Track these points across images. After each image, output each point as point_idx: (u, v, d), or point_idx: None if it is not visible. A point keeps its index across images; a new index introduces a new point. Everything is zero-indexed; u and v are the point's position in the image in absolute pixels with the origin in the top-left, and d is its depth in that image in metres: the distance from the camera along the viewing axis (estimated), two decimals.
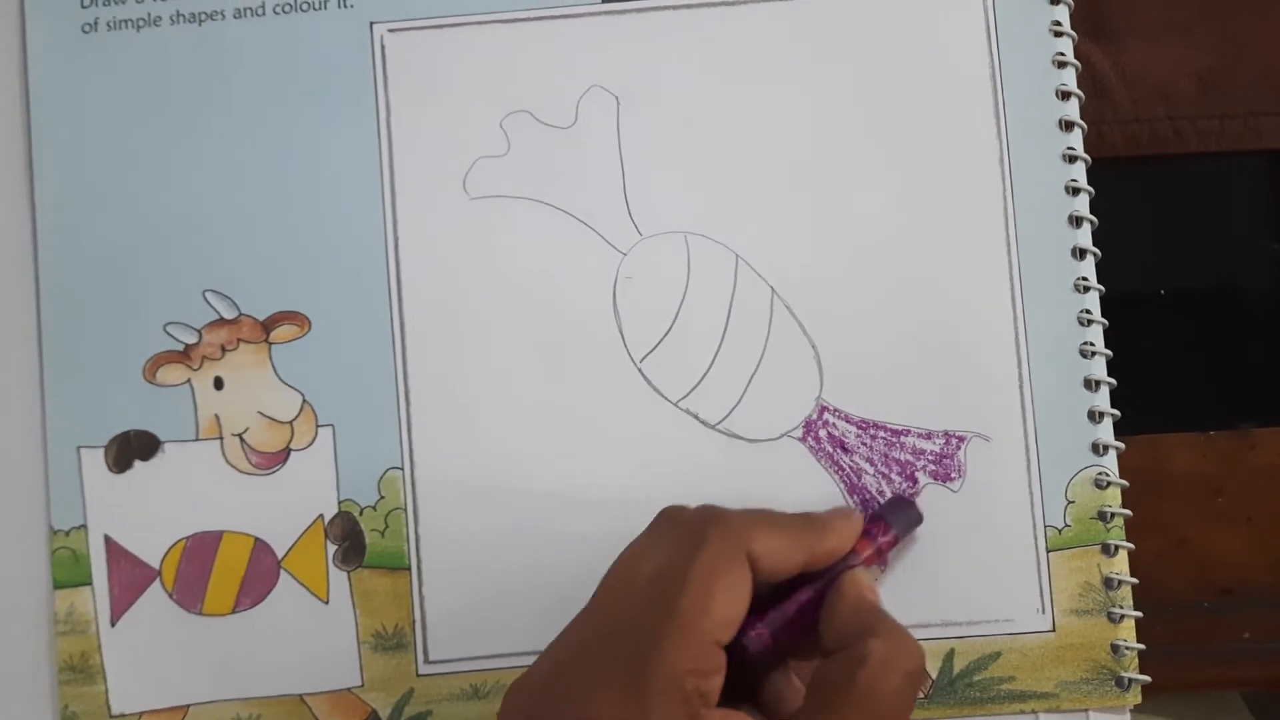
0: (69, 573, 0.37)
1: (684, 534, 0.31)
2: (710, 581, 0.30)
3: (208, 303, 0.37)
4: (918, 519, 0.36)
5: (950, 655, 0.37)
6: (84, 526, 0.37)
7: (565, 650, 0.31)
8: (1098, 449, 0.37)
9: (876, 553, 0.34)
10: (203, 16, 0.38)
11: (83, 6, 0.38)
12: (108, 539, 0.37)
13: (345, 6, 0.38)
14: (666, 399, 0.37)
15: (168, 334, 0.37)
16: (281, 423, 0.37)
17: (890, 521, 0.35)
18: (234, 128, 0.38)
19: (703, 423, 0.37)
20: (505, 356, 0.37)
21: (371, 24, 0.38)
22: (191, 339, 0.37)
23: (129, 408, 0.37)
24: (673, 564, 0.30)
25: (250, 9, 0.38)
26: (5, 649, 0.37)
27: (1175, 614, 0.39)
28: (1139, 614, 0.37)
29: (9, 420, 0.38)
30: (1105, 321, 0.38)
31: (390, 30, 0.38)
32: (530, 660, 0.36)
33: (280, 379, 0.38)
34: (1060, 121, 0.38)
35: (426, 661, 0.37)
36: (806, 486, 0.37)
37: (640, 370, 0.37)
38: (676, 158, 0.38)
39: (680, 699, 0.28)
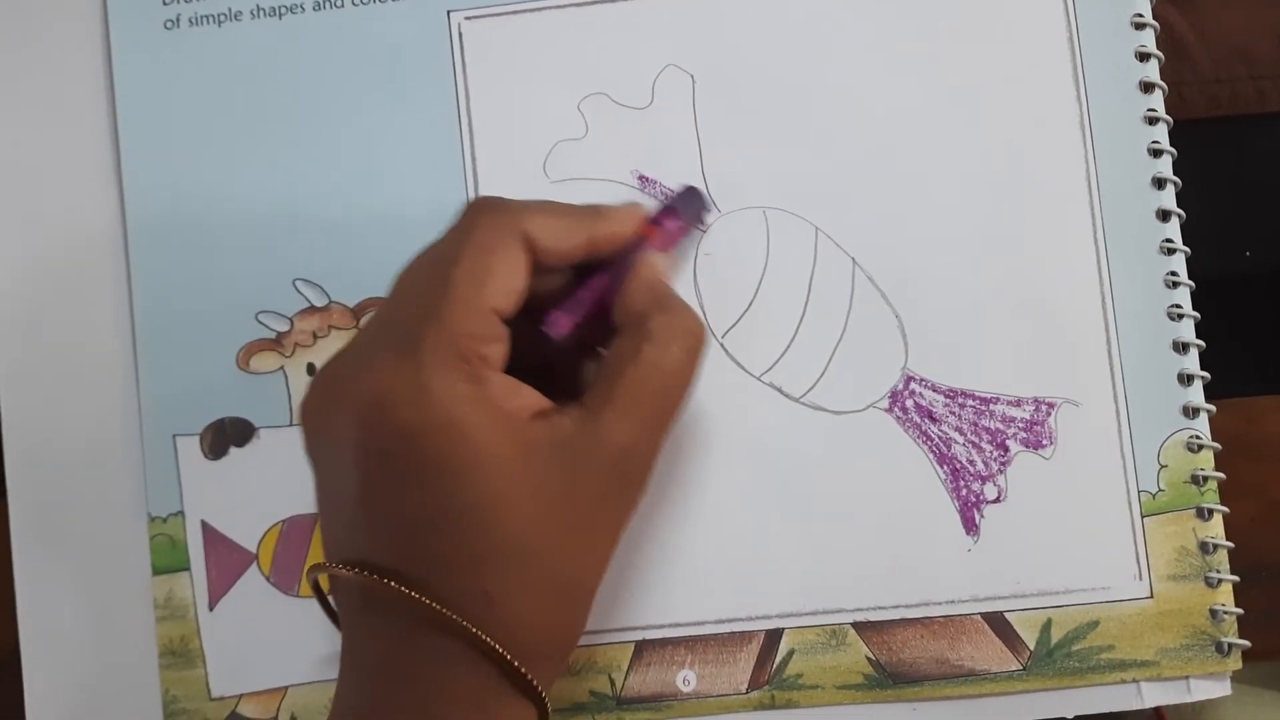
0: (167, 559, 0.38)
1: (460, 220, 0.32)
2: (484, 253, 0.31)
3: (298, 291, 0.38)
4: (704, 208, 0.37)
5: (1048, 625, 0.36)
6: (181, 513, 0.38)
7: (355, 340, 0.32)
8: (1188, 412, 0.37)
9: (666, 239, 0.35)
10: (283, 10, 0.39)
11: (164, 3, 0.39)
12: (205, 525, 0.38)
13: None
14: (750, 373, 0.38)
15: (260, 323, 0.38)
16: None
17: (679, 210, 0.36)
18: (317, 118, 0.39)
19: (787, 396, 0.37)
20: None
21: (449, 12, 0.39)
22: (283, 327, 0.38)
23: (223, 395, 0.38)
24: (448, 244, 0.31)
25: (329, 1, 0.39)
26: (109, 636, 0.38)
27: (1272, 579, 0.38)
28: (1236, 578, 0.36)
29: (106, 411, 0.38)
30: (1192, 284, 0.37)
31: (467, 18, 0.39)
32: (623, 637, 0.37)
33: None
34: (1140, 83, 0.37)
35: None
36: (894, 457, 0.37)
37: (723, 346, 0.37)
38: (753, 133, 0.38)
39: (457, 359, 0.30)
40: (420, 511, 0.30)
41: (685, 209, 0.36)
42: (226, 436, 0.38)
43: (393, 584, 0.29)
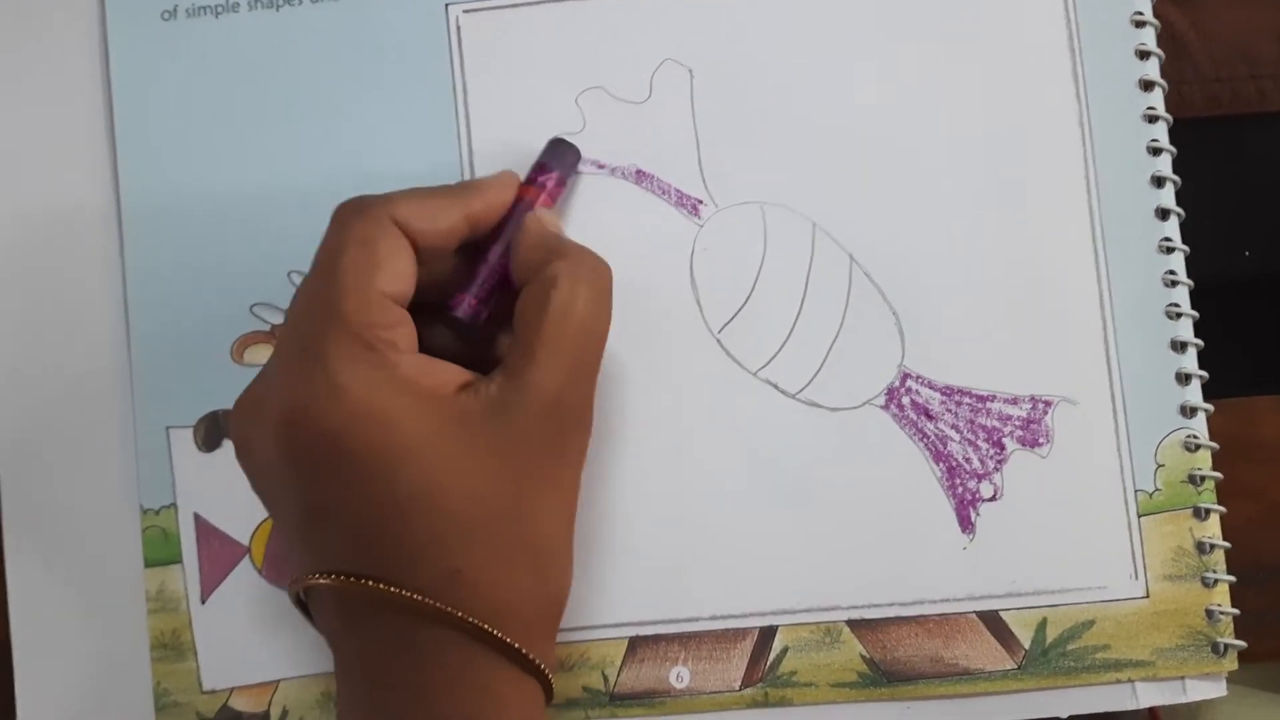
0: (159, 551, 0.38)
1: (331, 226, 0.32)
2: (363, 245, 0.31)
3: (293, 283, 0.38)
4: (577, 156, 0.37)
5: (1043, 624, 0.36)
6: (174, 505, 0.38)
7: (266, 366, 0.32)
8: (1186, 411, 0.37)
9: (548, 196, 0.35)
10: (280, 2, 0.39)
11: None
12: (197, 517, 0.38)
13: None
14: (745, 369, 0.37)
15: (254, 315, 0.38)
16: None
17: (549, 164, 0.36)
18: (313, 111, 0.38)
19: (782, 392, 0.37)
20: None
21: (446, 5, 0.38)
22: (278, 319, 0.38)
23: (217, 388, 0.38)
24: (327, 250, 0.32)
25: None
26: (100, 628, 0.38)
27: (1269, 580, 0.38)
28: (1233, 579, 0.36)
29: (99, 402, 0.38)
30: (1190, 283, 0.37)
31: (465, 11, 0.38)
32: (617, 634, 0.37)
33: None
34: (1140, 81, 0.37)
35: None
36: (890, 454, 0.37)
37: (719, 341, 0.37)
38: (751, 129, 0.38)
39: (363, 349, 0.30)
40: (367, 508, 0.30)
41: (556, 162, 0.36)
42: (220, 429, 0.38)
43: (364, 581, 0.29)
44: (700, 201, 0.38)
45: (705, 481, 0.37)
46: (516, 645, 0.30)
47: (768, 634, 0.37)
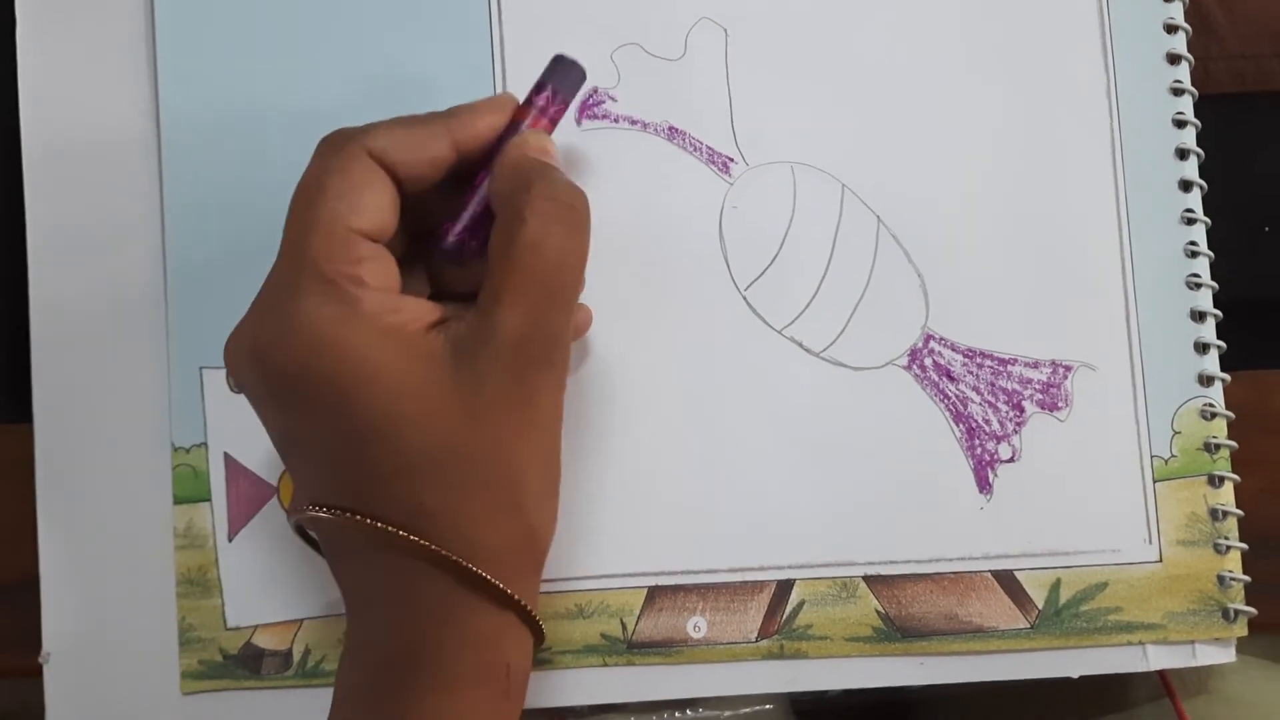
0: (188, 489, 0.38)
1: (310, 163, 0.32)
2: (333, 178, 0.31)
3: None
4: (580, 75, 0.34)
5: (1057, 585, 0.37)
6: (204, 444, 0.38)
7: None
8: (1204, 380, 0.37)
9: (547, 119, 0.33)
10: None
11: None
12: (227, 456, 0.38)
13: None
14: (771, 326, 0.38)
15: None
16: None
17: (550, 83, 0.34)
18: (353, 55, 0.39)
19: (807, 350, 0.38)
20: (611, 284, 0.38)
21: None
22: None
23: None
24: (302, 185, 0.31)
25: None
26: (127, 563, 0.38)
27: (1278, 551, 0.39)
28: (1245, 546, 0.37)
29: (134, 341, 0.39)
30: (1211, 254, 0.38)
31: None
32: (636, 583, 0.37)
33: None
34: (1167, 55, 0.38)
35: None
36: (912, 414, 0.37)
37: (745, 298, 0.38)
38: (784, 89, 0.38)
39: (322, 285, 0.30)
40: (330, 439, 0.30)
41: (557, 80, 0.34)
42: None
43: (335, 513, 0.30)
44: (731, 160, 0.38)
45: (728, 436, 0.38)
46: (486, 577, 0.30)
47: (785, 587, 0.37)
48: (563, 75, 0.34)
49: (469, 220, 0.32)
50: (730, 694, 0.39)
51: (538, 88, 0.34)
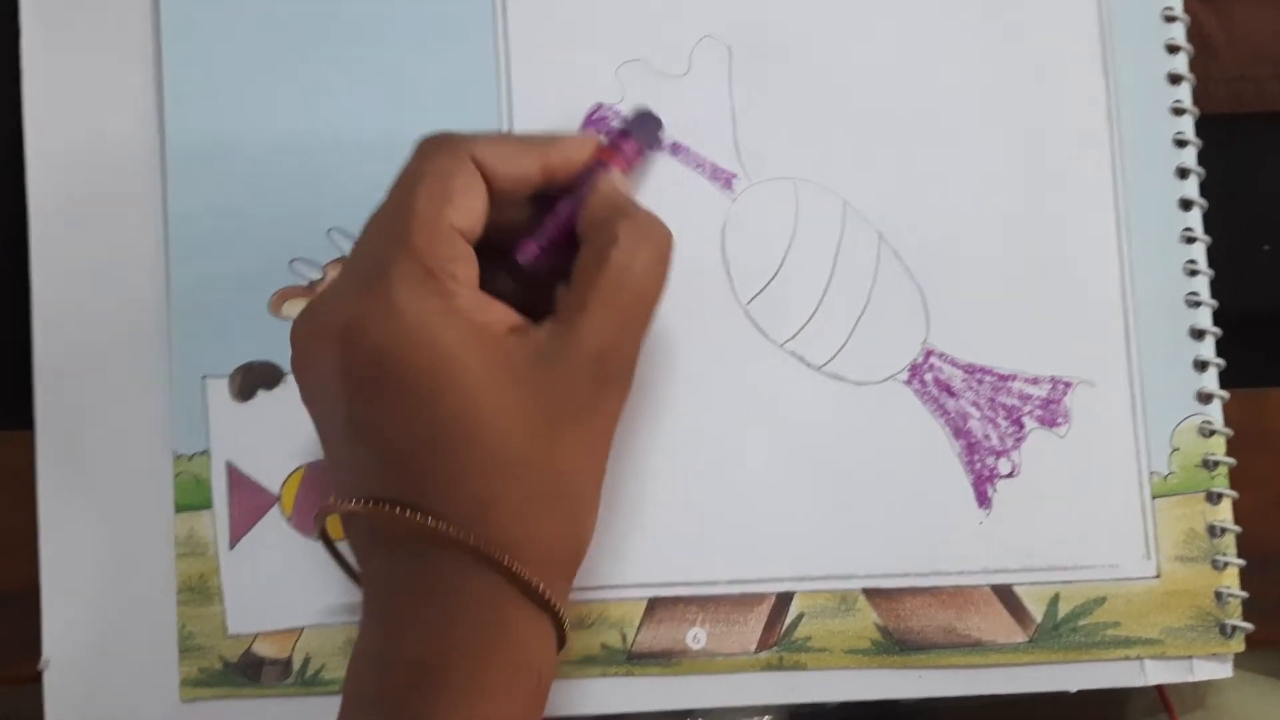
0: (190, 497, 0.38)
1: (412, 156, 0.33)
2: (440, 178, 0.32)
3: (332, 241, 0.39)
4: (659, 130, 0.38)
5: (1055, 600, 0.37)
6: (206, 452, 0.38)
7: (331, 282, 0.33)
8: (1202, 398, 0.37)
9: (625, 162, 0.36)
10: None
11: None
12: (229, 465, 0.38)
13: None
14: (772, 341, 0.38)
15: (293, 270, 0.39)
16: None
17: (633, 133, 0.37)
18: (357, 69, 0.39)
19: (808, 365, 0.38)
20: None
21: None
22: (316, 275, 0.39)
23: (254, 339, 0.38)
24: (405, 179, 0.32)
25: None
26: (128, 571, 0.38)
27: (1275, 568, 0.39)
28: (1243, 562, 0.37)
29: (137, 350, 0.39)
30: (1211, 272, 0.38)
31: None
32: (636, 594, 0.38)
33: None
34: (1168, 75, 0.38)
35: None
36: (911, 429, 0.38)
37: (747, 312, 0.38)
38: (786, 106, 0.39)
39: (424, 276, 0.31)
40: (407, 429, 0.30)
41: (640, 131, 0.37)
42: (255, 379, 0.39)
43: (386, 507, 0.30)
44: (734, 175, 0.38)
45: (728, 448, 0.38)
46: (533, 581, 0.31)
47: (784, 599, 0.37)
48: (643, 126, 0.37)
49: (546, 241, 0.34)
50: (729, 705, 0.39)
51: (622, 134, 0.37)
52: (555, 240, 0.34)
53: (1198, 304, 0.38)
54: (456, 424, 0.30)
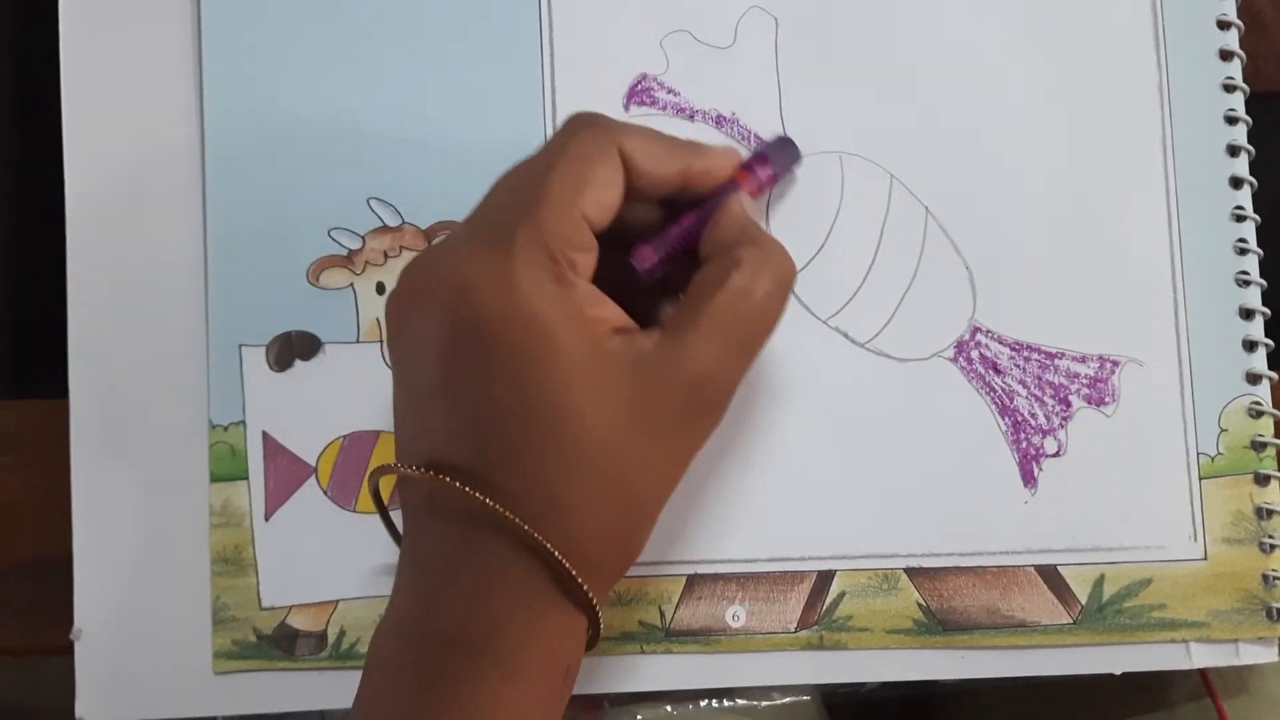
0: (226, 467, 0.38)
1: (560, 131, 0.32)
2: (582, 162, 0.31)
3: (372, 210, 0.38)
4: (796, 156, 0.37)
5: (1100, 581, 0.37)
6: (243, 423, 0.38)
7: (449, 236, 0.32)
8: (1251, 378, 0.37)
9: (757, 186, 0.35)
10: None
11: None
12: (265, 435, 0.38)
13: None
14: (816, 316, 0.38)
15: (332, 239, 0.38)
16: None
17: (771, 158, 0.36)
18: (399, 38, 0.39)
19: (852, 341, 0.38)
20: None
21: None
22: (355, 244, 0.38)
23: (291, 309, 0.38)
24: (548, 152, 0.32)
25: None
26: (162, 540, 0.38)
27: None
28: None
29: (173, 318, 0.38)
30: (1260, 251, 0.37)
31: None
32: (676, 570, 0.37)
33: None
34: (1219, 51, 0.38)
35: None
36: (957, 407, 0.37)
37: None
38: (833, 79, 0.38)
39: (546, 257, 0.30)
40: (496, 401, 0.30)
41: (778, 158, 0.36)
42: (293, 349, 0.38)
43: (456, 483, 0.30)
44: None
45: (770, 424, 0.37)
46: (581, 582, 0.30)
47: (825, 578, 0.37)
48: (781, 153, 0.36)
49: (665, 251, 0.33)
50: (768, 684, 0.38)
51: (760, 158, 0.35)
52: (673, 252, 0.33)
53: (1247, 283, 0.37)
54: (547, 408, 0.30)
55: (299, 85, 0.39)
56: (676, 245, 0.33)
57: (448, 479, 0.30)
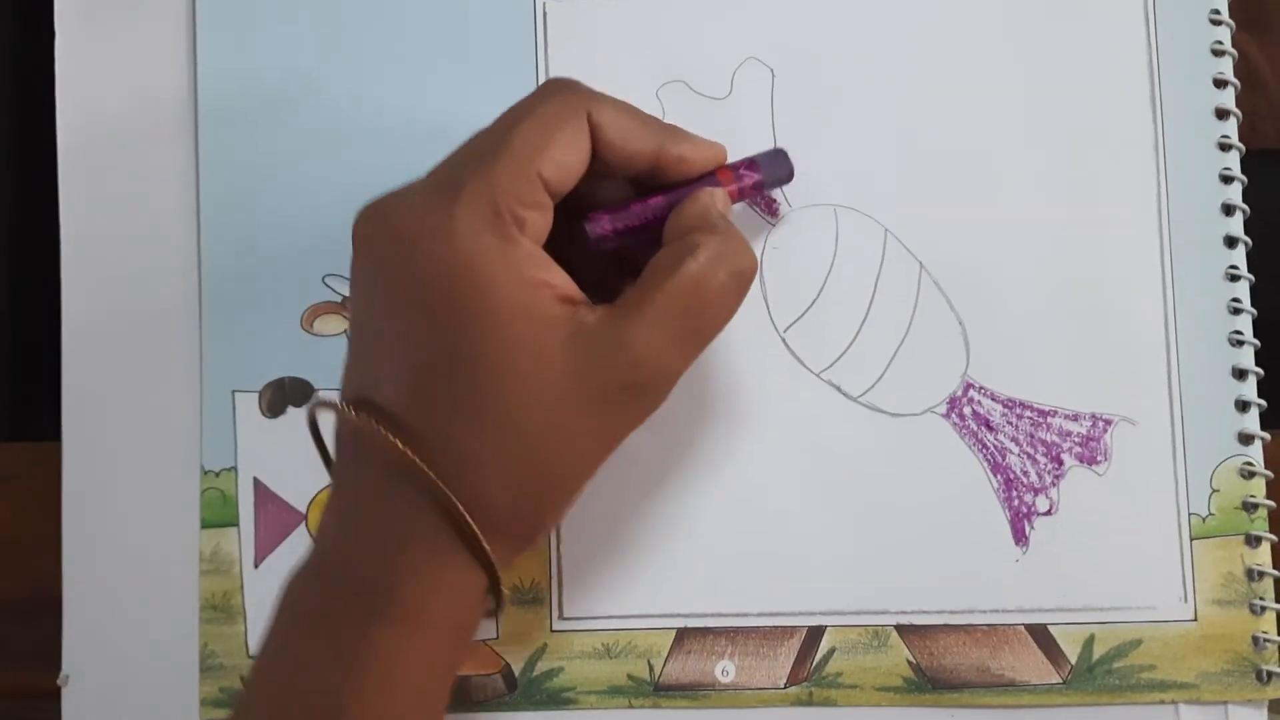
0: (217, 513, 0.38)
1: (531, 93, 0.32)
2: (545, 123, 0.31)
3: None
4: (788, 173, 0.36)
5: (1090, 641, 0.36)
6: (234, 468, 0.38)
7: (408, 184, 0.32)
8: (1244, 439, 0.37)
9: (738, 189, 0.34)
10: None
11: None
12: (257, 482, 0.38)
13: None
14: (809, 369, 0.38)
15: (326, 285, 0.38)
16: None
17: (760, 166, 0.35)
18: (397, 87, 0.39)
19: (844, 394, 0.38)
20: None
21: None
22: (348, 291, 0.38)
23: (285, 355, 0.38)
24: (514, 111, 0.32)
25: None
26: (151, 586, 0.38)
27: None
28: None
29: (167, 363, 0.39)
30: (1254, 311, 0.37)
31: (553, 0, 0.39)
32: (664, 624, 0.37)
33: None
34: (1215, 109, 0.38)
35: (560, 618, 0.37)
36: (949, 463, 0.37)
37: (784, 340, 0.38)
38: (829, 132, 0.38)
39: (491, 210, 0.30)
40: (430, 350, 0.30)
41: (767, 167, 0.35)
42: (286, 396, 0.38)
43: (381, 428, 0.30)
44: (774, 200, 0.38)
45: (762, 478, 0.37)
46: (485, 545, 0.30)
47: (815, 634, 0.37)
48: (774, 165, 0.35)
49: (621, 223, 0.33)
50: None
51: (749, 163, 0.35)
52: (634, 227, 0.33)
53: (1241, 343, 0.37)
54: (470, 360, 0.30)
55: (293, 132, 0.39)
56: (637, 221, 0.33)
57: (373, 421, 0.30)
